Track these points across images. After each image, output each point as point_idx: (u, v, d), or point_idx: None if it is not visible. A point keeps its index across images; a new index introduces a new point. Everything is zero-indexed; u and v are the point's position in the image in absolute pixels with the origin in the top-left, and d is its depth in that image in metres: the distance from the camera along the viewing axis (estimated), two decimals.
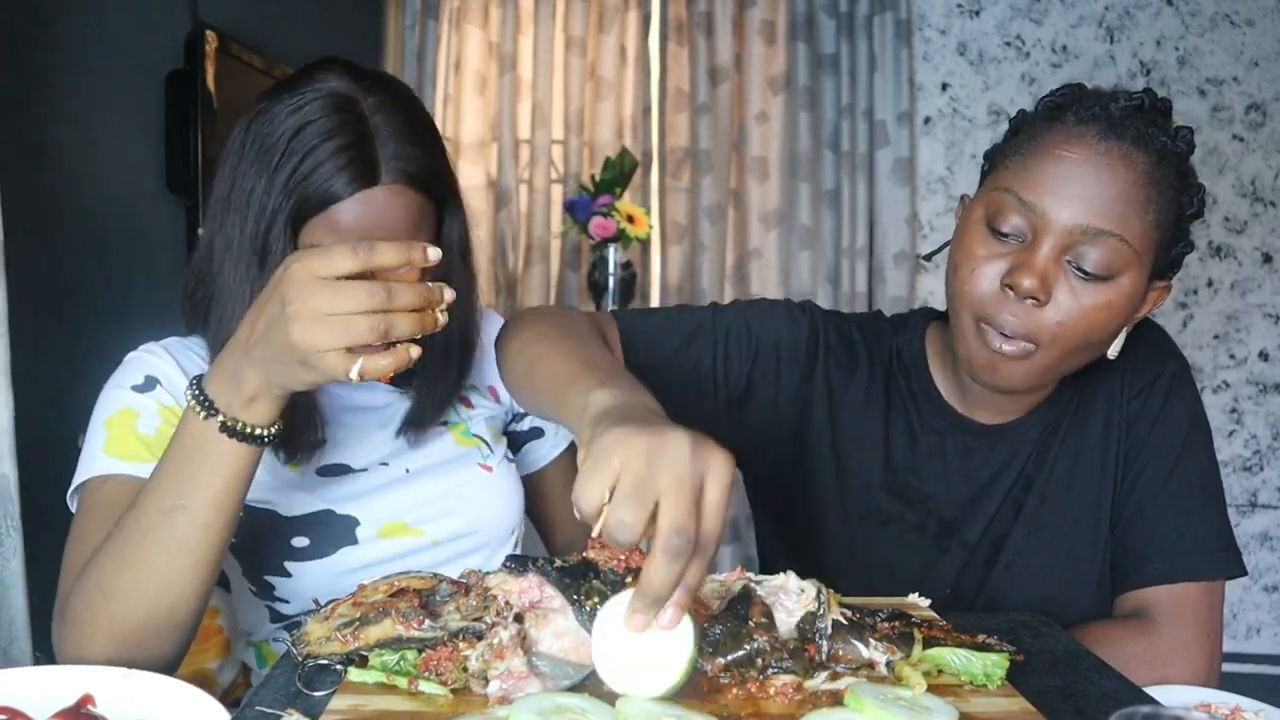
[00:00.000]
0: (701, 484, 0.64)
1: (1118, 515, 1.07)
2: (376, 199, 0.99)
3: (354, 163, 0.98)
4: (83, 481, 0.99)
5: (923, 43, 3.36)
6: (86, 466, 0.99)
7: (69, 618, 0.86)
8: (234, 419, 0.82)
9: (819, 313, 1.15)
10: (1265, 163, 3.31)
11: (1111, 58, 3.32)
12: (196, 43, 2.14)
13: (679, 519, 0.62)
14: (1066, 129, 0.94)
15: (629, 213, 2.98)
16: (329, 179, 0.98)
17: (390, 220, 1.00)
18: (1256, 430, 3.38)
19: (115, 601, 0.83)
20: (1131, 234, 0.91)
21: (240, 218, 1.00)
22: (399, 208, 1.01)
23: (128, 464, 0.98)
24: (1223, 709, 0.82)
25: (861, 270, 3.29)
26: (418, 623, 0.73)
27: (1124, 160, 0.91)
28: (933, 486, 1.10)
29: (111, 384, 1.07)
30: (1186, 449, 1.06)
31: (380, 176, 0.99)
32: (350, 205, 0.98)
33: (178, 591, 0.84)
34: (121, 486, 0.96)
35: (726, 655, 0.72)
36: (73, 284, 1.91)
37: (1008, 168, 0.97)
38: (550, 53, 3.31)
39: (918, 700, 0.69)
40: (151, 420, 1.02)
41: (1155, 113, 0.95)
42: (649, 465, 0.63)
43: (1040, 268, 0.92)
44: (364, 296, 0.76)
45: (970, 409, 1.09)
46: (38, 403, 1.83)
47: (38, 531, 1.66)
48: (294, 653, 0.74)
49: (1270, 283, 3.35)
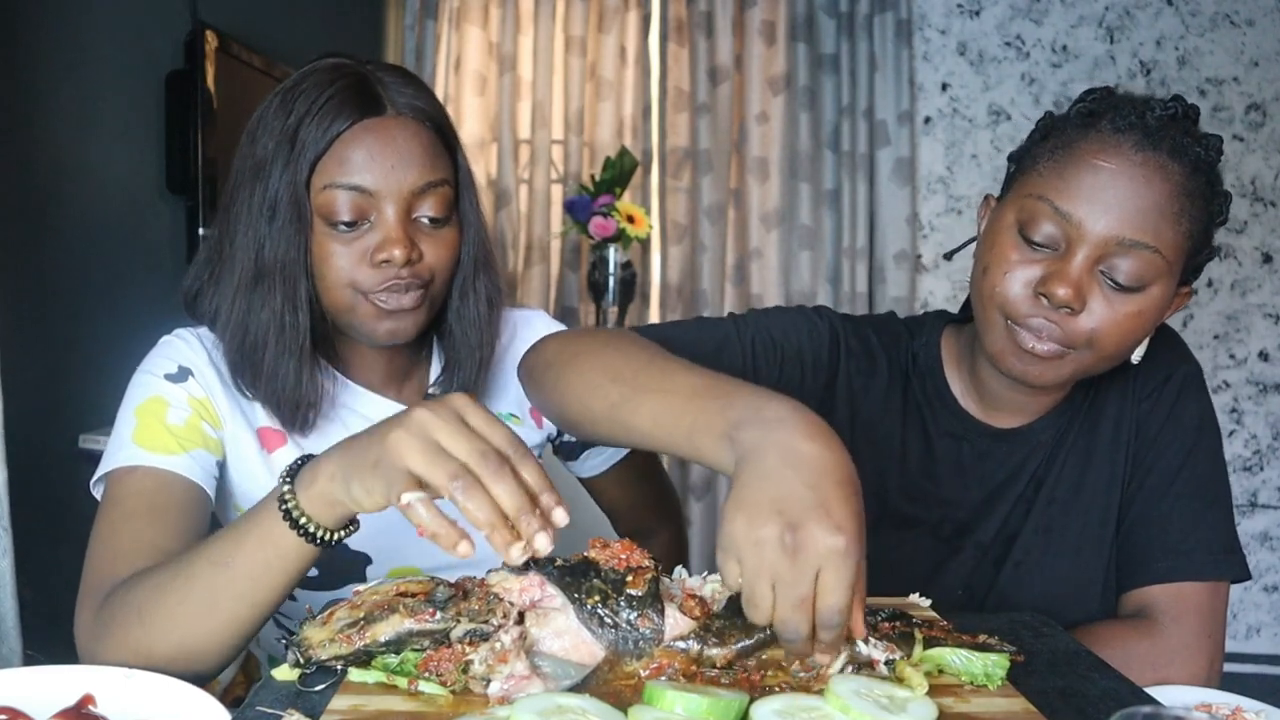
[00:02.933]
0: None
1: (1124, 514, 1.07)
2: (386, 127, 0.98)
3: (355, 95, 0.98)
4: (110, 470, 0.97)
5: (923, 43, 3.36)
6: (115, 454, 0.98)
7: (103, 621, 0.84)
8: (295, 504, 0.77)
9: (837, 319, 1.14)
10: (1265, 163, 3.31)
11: (1111, 58, 3.32)
12: (196, 43, 2.14)
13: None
14: (1103, 137, 0.93)
15: (629, 213, 2.98)
16: (332, 113, 0.97)
17: (402, 149, 0.98)
18: (1256, 430, 3.38)
19: (147, 630, 0.81)
20: (1165, 245, 0.91)
21: (248, 188, 1.00)
22: (409, 136, 0.99)
23: (155, 455, 0.97)
24: (1223, 709, 0.82)
25: (861, 270, 3.29)
26: (429, 614, 0.73)
27: (1160, 172, 0.91)
28: (947, 490, 1.10)
29: (144, 369, 1.04)
30: (1195, 450, 1.06)
31: (385, 108, 0.99)
32: (357, 133, 0.97)
33: (203, 644, 0.81)
34: (147, 478, 0.96)
35: (734, 645, 0.72)
36: (72, 284, 1.91)
37: (1041, 174, 0.96)
38: (550, 53, 3.31)
39: (897, 698, 0.69)
40: (181, 412, 1.00)
41: (1188, 121, 0.95)
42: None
43: (1075, 278, 0.92)
44: (477, 456, 0.70)
45: (986, 413, 1.09)
46: (35, 402, 1.83)
47: (28, 531, 1.66)
48: (294, 657, 0.74)
49: (1270, 283, 3.35)
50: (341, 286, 1.00)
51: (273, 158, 0.98)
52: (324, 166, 0.97)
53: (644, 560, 0.75)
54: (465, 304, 1.09)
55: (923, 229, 3.39)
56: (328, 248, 0.99)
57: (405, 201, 0.99)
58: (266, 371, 1.00)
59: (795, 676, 0.73)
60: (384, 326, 1.01)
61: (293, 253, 0.99)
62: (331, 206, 0.97)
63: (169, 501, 0.95)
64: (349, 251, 0.99)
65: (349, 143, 0.97)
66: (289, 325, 1.00)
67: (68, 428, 1.87)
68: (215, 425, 1.02)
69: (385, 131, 0.98)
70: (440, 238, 1.02)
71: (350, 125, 0.97)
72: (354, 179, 0.97)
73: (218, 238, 1.05)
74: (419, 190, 0.99)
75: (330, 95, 0.97)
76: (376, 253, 0.98)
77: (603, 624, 0.72)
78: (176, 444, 0.98)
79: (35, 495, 1.83)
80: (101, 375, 1.12)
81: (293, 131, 0.97)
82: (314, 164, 0.97)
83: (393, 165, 0.97)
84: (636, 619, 0.72)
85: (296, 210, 0.98)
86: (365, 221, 0.99)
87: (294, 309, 1.00)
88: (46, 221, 1.85)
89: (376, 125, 0.98)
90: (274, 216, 0.98)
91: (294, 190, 0.97)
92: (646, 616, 0.72)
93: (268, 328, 1.00)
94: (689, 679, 0.72)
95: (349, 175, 0.97)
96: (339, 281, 1.00)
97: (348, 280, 0.99)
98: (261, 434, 1.05)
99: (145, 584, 0.84)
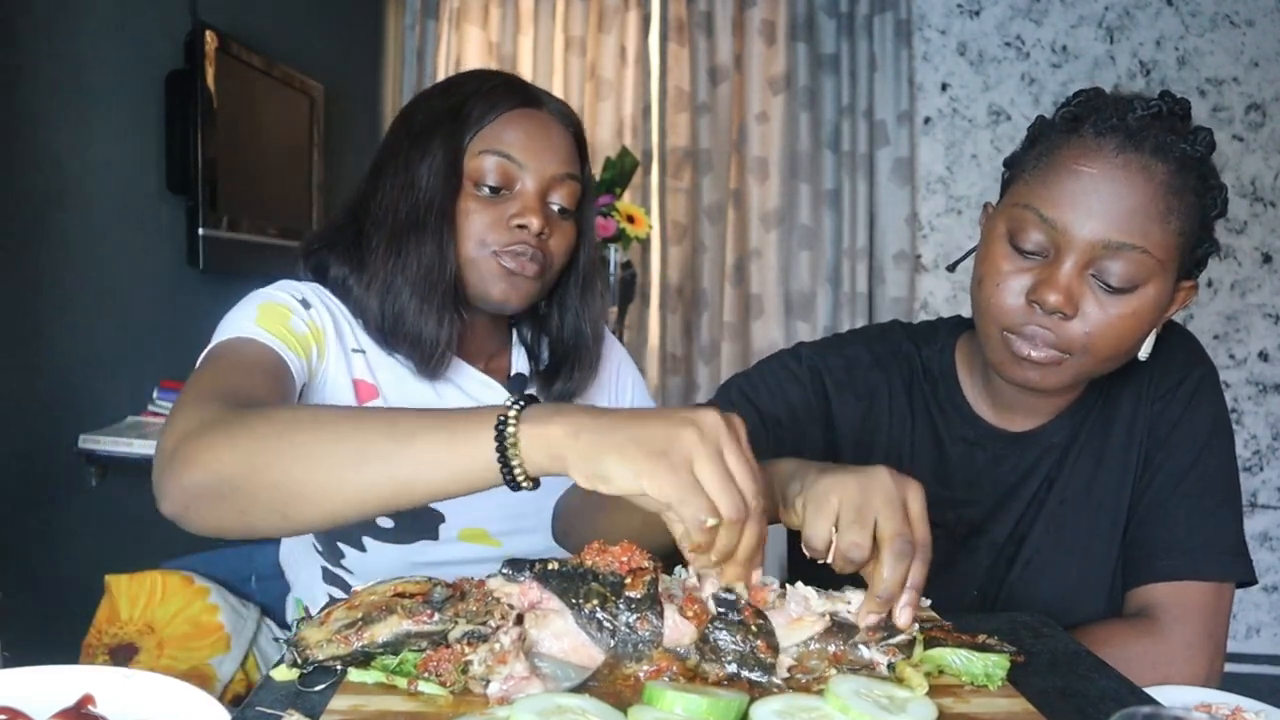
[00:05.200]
0: (905, 502, 0.76)
1: (1133, 513, 1.07)
2: (541, 118, 1.11)
3: (517, 88, 1.12)
4: (227, 338, 0.96)
5: (923, 43, 3.36)
6: (235, 325, 0.98)
7: (224, 422, 0.78)
8: (515, 432, 0.72)
9: (815, 353, 1.15)
10: (1265, 163, 3.31)
11: (1111, 58, 3.32)
12: (196, 43, 2.14)
13: (898, 526, 0.75)
14: (1084, 142, 0.94)
15: (629, 213, 2.98)
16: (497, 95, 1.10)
17: (553, 139, 1.11)
18: (1256, 430, 3.38)
19: (274, 452, 0.75)
20: (1153, 244, 0.91)
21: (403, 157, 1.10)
22: (559, 131, 1.12)
23: (277, 341, 0.98)
24: (1223, 709, 0.82)
25: (861, 270, 3.29)
26: (427, 615, 0.73)
27: (1143, 172, 0.91)
28: (961, 493, 1.10)
29: (267, 290, 1.06)
30: (1205, 451, 1.06)
31: (542, 104, 1.13)
32: (516, 116, 1.10)
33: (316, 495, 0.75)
34: (266, 350, 0.96)
35: (729, 664, 0.72)
36: (72, 284, 1.91)
37: (1027, 183, 0.97)
38: (550, 53, 3.31)
39: (897, 699, 0.69)
40: (301, 325, 1.03)
41: (1174, 118, 0.95)
42: (863, 496, 0.76)
43: (1064, 284, 0.92)
44: (750, 484, 0.70)
45: (1000, 417, 1.10)
46: (35, 402, 1.83)
47: (26, 531, 1.66)
48: (291, 656, 0.74)
49: (1270, 283, 3.35)
50: (475, 242, 1.09)
51: (433, 128, 1.09)
52: (483, 136, 1.09)
53: (644, 561, 0.75)
54: (585, 298, 1.20)
55: (922, 229, 3.39)
56: (470, 207, 1.09)
57: (545, 183, 1.10)
58: (411, 315, 1.08)
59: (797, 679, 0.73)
60: (501, 287, 1.10)
61: (446, 206, 1.08)
62: (483, 170, 1.09)
63: (283, 374, 0.96)
64: (489, 214, 1.09)
65: (508, 121, 1.10)
66: (437, 270, 1.08)
67: (68, 428, 1.87)
68: (321, 356, 1.06)
69: (540, 121, 1.11)
70: (565, 229, 1.14)
71: (511, 109, 1.10)
72: (511, 150, 1.09)
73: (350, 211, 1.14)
74: (559, 177, 1.11)
75: (495, 84, 1.12)
76: (515, 218, 1.09)
77: (601, 627, 0.72)
78: (296, 342, 1.01)
79: (34, 496, 1.83)
80: (101, 375, 1.12)
81: (458, 106, 1.10)
82: (475, 133, 1.09)
83: (541, 149, 1.10)
84: (635, 621, 0.72)
85: (453, 169, 1.08)
86: (508, 190, 1.10)
87: (442, 257, 1.08)
88: (46, 221, 1.85)
89: (533, 114, 1.11)
90: (429, 176, 1.08)
91: (453, 154, 1.08)
92: (645, 619, 0.72)
93: (417, 273, 1.08)
94: (688, 680, 0.72)
95: (505, 146, 1.09)
96: (474, 236, 1.09)
97: (481, 237, 1.09)
98: (357, 385, 1.09)
99: (294, 412, 0.79)
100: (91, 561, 0.94)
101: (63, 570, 1.85)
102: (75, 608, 1.35)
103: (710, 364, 3.31)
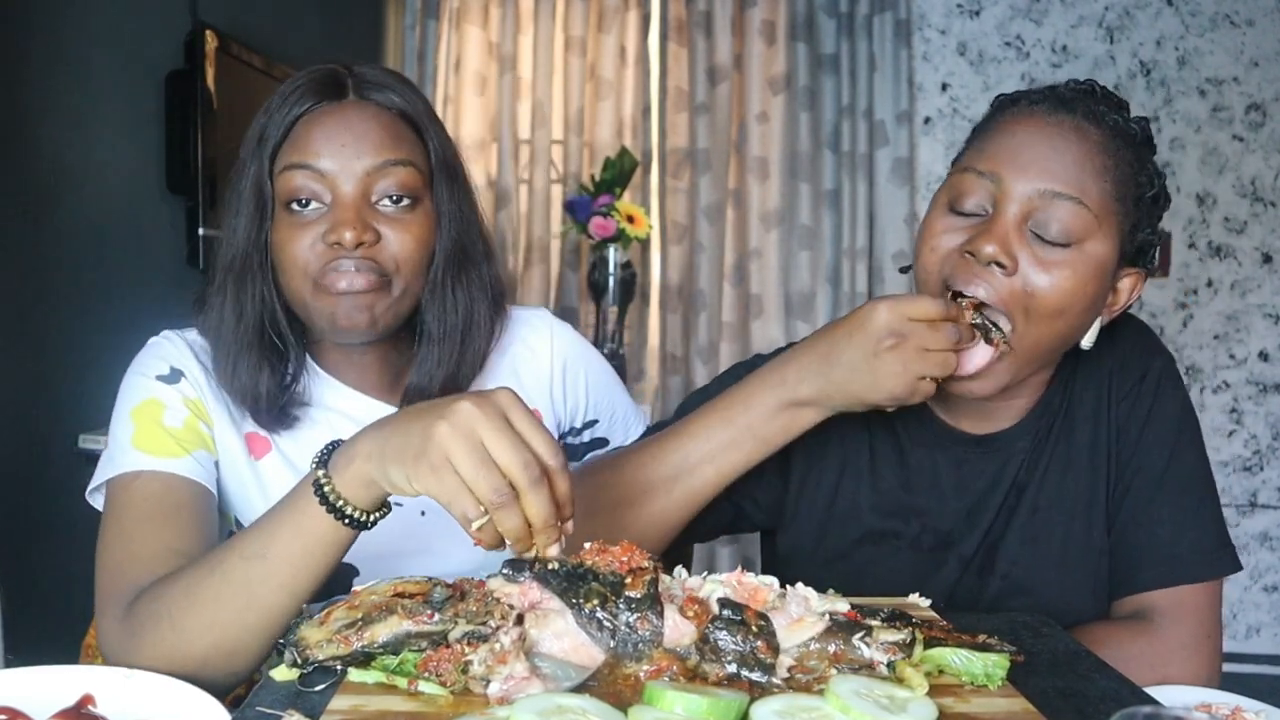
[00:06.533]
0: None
1: (1113, 520, 1.06)
2: (343, 110, 1.00)
3: (318, 84, 1.00)
4: (112, 477, 0.96)
5: (922, 43, 3.36)
6: (115, 460, 0.97)
7: (132, 629, 0.83)
8: (331, 487, 0.77)
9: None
10: (1265, 163, 3.31)
11: (1111, 58, 3.32)
12: (196, 43, 2.14)
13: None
14: (1018, 109, 0.99)
15: (629, 213, 2.98)
16: (293, 100, 0.99)
17: (357, 129, 0.98)
18: (1256, 430, 3.38)
19: (180, 633, 0.81)
20: (1090, 199, 0.93)
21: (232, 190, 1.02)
22: (366, 118, 0.99)
23: (158, 459, 0.96)
24: (1223, 709, 0.82)
25: (861, 270, 3.29)
26: (428, 616, 0.73)
27: (1075, 131, 0.95)
28: (925, 501, 1.09)
29: (135, 370, 1.04)
30: (1177, 449, 1.05)
31: (346, 94, 1.01)
32: (315, 116, 0.99)
33: (241, 640, 0.81)
34: (153, 481, 0.95)
35: (728, 664, 0.72)
36: (72, 283, 1.91)
37: (965, 154, 1.01)
38: (550, 53, 3.32)
39: (897, 699, 0.69)
40: (178, 413, 1.00)
41: (1108, 100, 0.99)
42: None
43: (1001, 234, 0.93)
44: (520, 467, 0.72)
45: (959, 420, 1.08)
46: (34, 402, 1.83)
47: (24, 531, 1.65)
48: (291, 656, 0.74)
49: (1270, 283, 3.35)
50: (297, 273, 0.99)
51: (246, 157, 1.01)
52: (283, 151, 0.99)
53: (644, 561, 0.75)
54: (435, 297, 1.05)
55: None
56: (284, 234, 0.99)
57: (361, 183, 0.98)
58: (227, 368, 1.02)
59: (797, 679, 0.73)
60: (340, 312, 0.98)
61: (248, 245, 1.00)
62: (288, 187, 0.98)
63: (179, 504, 0.95)
64: (306, 236, 0.98)
65: (307, 125, 0.98)
66: (254, 317, 1.01)
67: (67, 428, 1.87)
68: (209, 424, 1.02)
69: (341, 114, 0.99)
70: (404, 223, 1.00)
71: (308, 109, 0.99)
72: (307, 159, 0.98)
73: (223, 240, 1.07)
74: (377, 168, 0.98)
75: (296, 87, 1.00)
76: (328, 234, 0.97)
77: (601, 627, 0.72)
78: (178, 446, 0.97)
79: (34, 496, 1.83)
80: (101, 375, 1.11)
81: (262, 126, 1.00)
82: (277, 150, 0.99)
83: (344, 144, 0.97)
84: (636, 621, 0.72)
85: (259, 198, 0.99)
86: (320, 204, 0.98)
87: (262, 303, 1.01)
88: (46, 221, 1.85)
89: (334, 109, 0.99)
90: (239, 210, 1.00)
91: (259, 179, 0.99)
92: (645, 619, 0.72)
93: (237, 326, 1.01)
94: (689, 680, 0.72)
95: (303, 155, 0.98)
96: (294, 267, 0.99)
97: (302, 267, 0.98)
98: (249, 440, 1.05)
99: (174, 587, 0.83)
100: (92, 561, 0.94)
101: (63, 570, 1.85)
102: (75, 608, 1.35)
103: (710, 364, 3.31)
